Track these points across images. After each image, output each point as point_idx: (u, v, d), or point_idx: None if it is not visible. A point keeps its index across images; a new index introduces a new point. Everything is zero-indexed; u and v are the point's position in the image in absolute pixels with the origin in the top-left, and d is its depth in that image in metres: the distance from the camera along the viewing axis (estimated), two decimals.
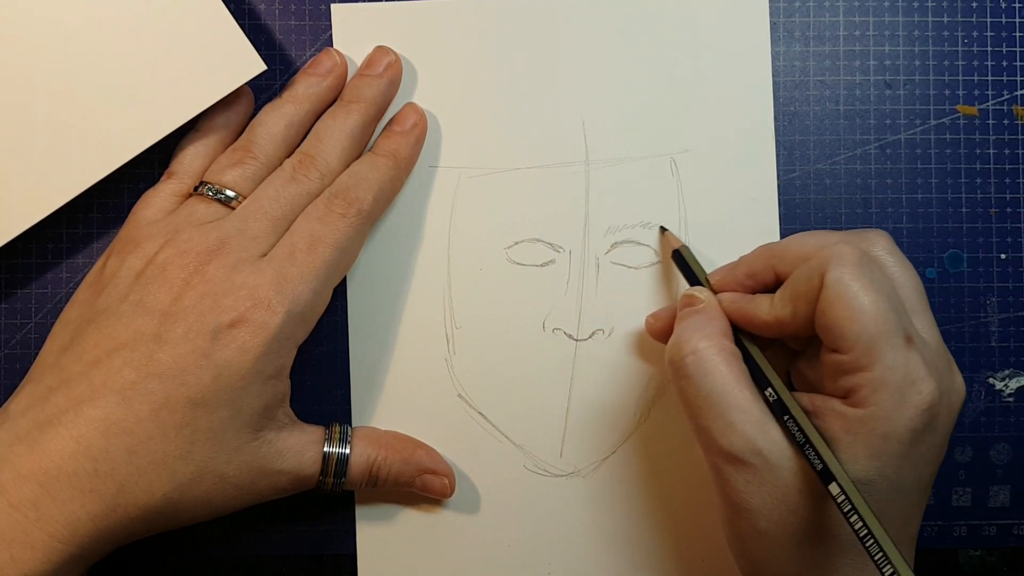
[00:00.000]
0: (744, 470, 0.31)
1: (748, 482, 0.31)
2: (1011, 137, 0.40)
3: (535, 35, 0.40)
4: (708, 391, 0.32)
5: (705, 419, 0.32)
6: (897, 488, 0.30)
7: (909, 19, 0.40)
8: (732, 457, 0.31)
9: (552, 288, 0.40)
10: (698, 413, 0.32)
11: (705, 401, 0.32)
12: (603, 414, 0.40)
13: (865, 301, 0.30)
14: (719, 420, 0.31)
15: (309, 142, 0.38)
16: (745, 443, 0.31)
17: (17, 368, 0.40)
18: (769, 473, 0.31)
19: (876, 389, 0.30)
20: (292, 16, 0.40)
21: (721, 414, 0.31)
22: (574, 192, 0.40)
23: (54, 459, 0.31)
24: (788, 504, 0.31)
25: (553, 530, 0.39)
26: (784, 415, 0.31)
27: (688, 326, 0.34)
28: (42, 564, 0.31)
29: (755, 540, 0.32)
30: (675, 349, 0.33)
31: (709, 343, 0.33)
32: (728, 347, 0.33)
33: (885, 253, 0.33)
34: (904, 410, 0.30)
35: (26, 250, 0.40)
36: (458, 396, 0.40)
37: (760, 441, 0.31)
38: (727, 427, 0.31)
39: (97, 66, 0.36)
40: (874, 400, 0.30)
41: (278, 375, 0.35)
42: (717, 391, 0.32)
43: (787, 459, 0.31)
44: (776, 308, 0.33)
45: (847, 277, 0.31)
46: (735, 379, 0.32)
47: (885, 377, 0.30)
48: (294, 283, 0.34)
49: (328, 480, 0.36)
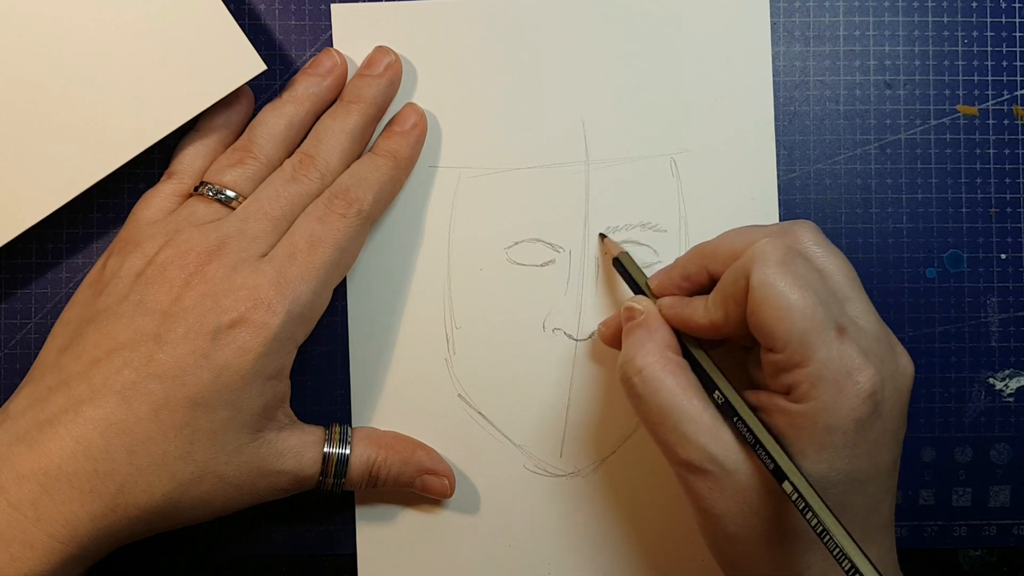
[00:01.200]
0: (705, 478, 0.32)
1: (711, 489, 0.32)
2: (1011, 137, 0.40)
3: (535, 35, 0.40)
4: (659, 407, 0.32)
5: (661, 433, 0.32)
6: (854, 479, 0.31)
7: (909, 19, 0.40)
8: (691, 466, 0.32)
9: (552, 288, 0.40)
10: (654, 428, 0.33)
11: (658, 416, 0.32)
12: (603, 414, 0.40)
13: (792, 298, 0.30)
14: (673, 433, 0.32)
15: (309, 142, 0.38)
16: (700, 452, 0.31)
17: (17, 368, 0.40)
18: (727, 478, 0.31)
19: (814, 384, 0.30)
20: (292, 16, 0.40)
21: (674, 427, 0.32)
22: (574, 192, 0.40)
23: (54, 459, 0.31)
24: (750, 506, 0.31)
25: (553, 530, 0.39)
26: (733, 417, 0.32)
27: (632, 343, 0.34)
28: (42, 564, 0.31)
29: (726, 544, 0.32)
30: (623, 368, 0.34)
31: (654, 359, 0.33)
32: (672, 359, 0.33)
33: (812, 244, 0.33)
34: (844, 400, 0.30)
35: (26, 250, 0.40)
36: (458, 396, 0.40)
37: (714, 448, 0.31)
38: (681, 438, 0.32)
39: (97, 66, 0.36)
40: (813, 395, 0.30)
41: (278, 375, 0.35)
42: (667, 406, 0.32)
43: (742, 462, 0.31)
44: (710, 311, 0.33)
45: (771, 276, 0.31)
46: (683, 391, 0.32)
47: (820, 371, 0.30)
48: (294, 283, 0.34)
49: (328, 480, 0.36)
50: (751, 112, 0.40)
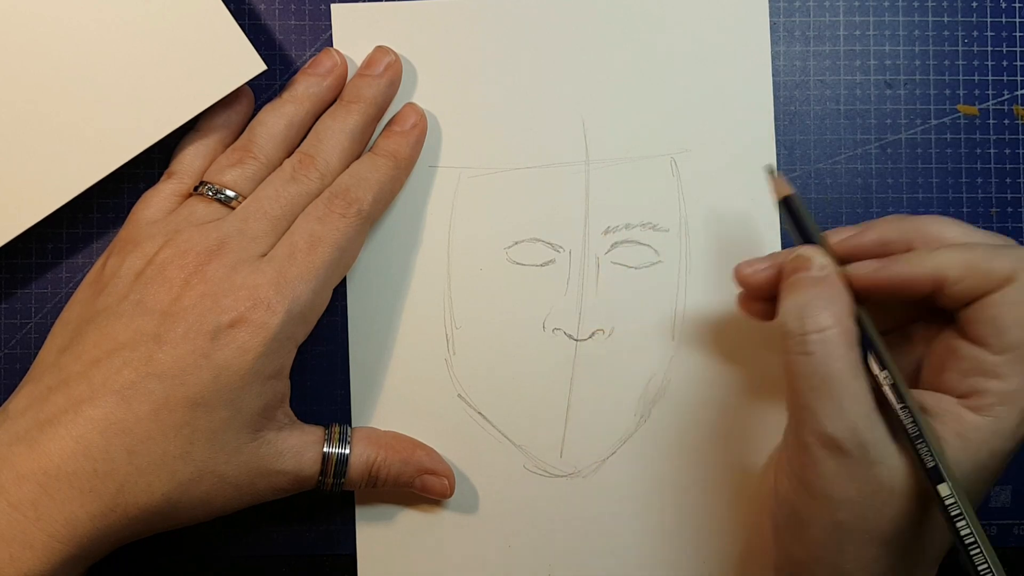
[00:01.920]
0: (841, 459, 0.30)
1: (840, 472, 0.30)
2: (1011, 137, 0.40)
3: (535, 35, 0.40)
4: (826, 374, 0.30)
5: (814, 399, 0.30)
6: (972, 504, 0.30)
7: (909, 19, 0.40)
8: (832, 441, 0.30)
9: (552, 288, 0.40)
10: (807, 391, 0.31)
11: (821, 382, 0.30)
12: (603, 414, 0.40)
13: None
14: (830, 403, 0.30)
15: (309, 142, 0.38)
16: (851, 432, 0.30)
17: (17, 368, 0.40)
18: (866, 467, 0.30)
19: (1004, 402, 0.29)
20: (292, 16, 0.40)
21: (834, 397, 0.30)
22: (574, 192, 0.40)
23: (53, 459, 0.31)
24: (875, 502, 0.30)
25: (553, 530, 0.39)
26: (900, 403, 0.30)
27: (813, 297, 0.32)
28: (41, 564, 0.31)
29: (825, 530, 0.31)
30: (797, 321, 0.31)
31: (836, 322, 0.31)
32: (852, 330, 0.31)
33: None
34: (1018, 433, 0.30)
35: (26, 250, 0.40)
36: (458, 396, 0.40)
37: (867, 433, 0.30)
38: (836, 411, 0.30)
39: (97, 66, 0.36)
40: (998, 412, 0.29)
41: (278, 375, 0.35)
42: (836, 375, 0.30)
43: (889, 456, 0.30)
44: (945, 267, 0.31)
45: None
46: (854, 366, 0.31)
47: (1019, 394, 0.29)
48: (294, 283, 0.34)
49: (328, 480, 0.36)
50: (751, 112, 0.40)
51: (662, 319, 0.40)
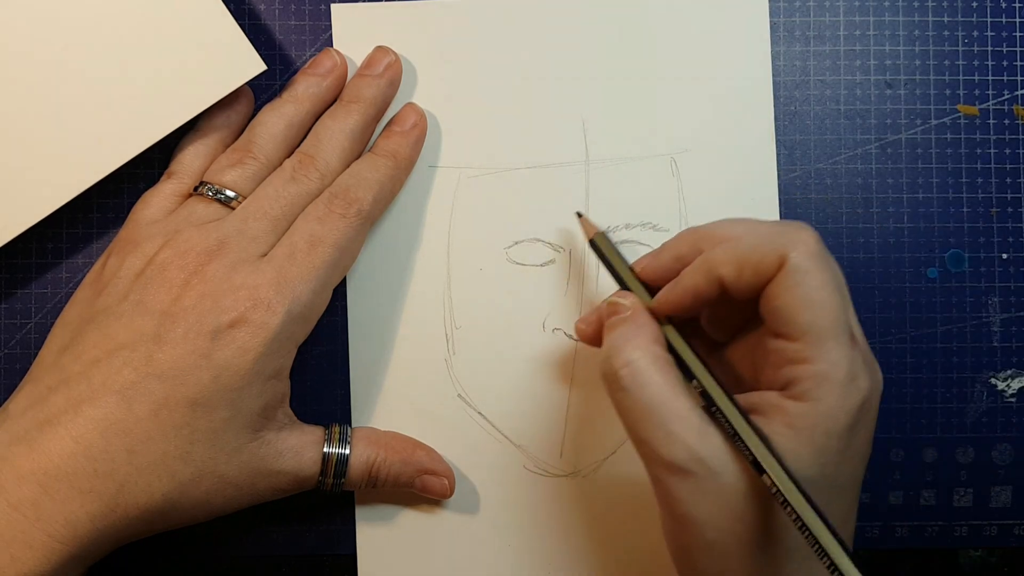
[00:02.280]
0: (687, 480, 0.30)
1: (692, 492, 0.30)
2: (1012, 137, 0.40)
3: (535, 35, 0.40)
4: (646, 403, 0.30)
5: (644, 431, 0.30)
6: (834, 486, 0.30)
7: (909, 19, 0.40)
8: (674, 467, 0.30)
9: (552, 288, 0.40)
10: (636, 425, 0.31)
11: (643, 413, 0.30)
12: (603, 414, 0.40)
13: (824, 293, 0.30)
14: (659, 431, 0.30)
15: (309, 142, 0.38)
16: (687, 452, 0.30)
17: (17, 368, 0.40)
18: (712, 481, 0.30)
19: (820, 383, 0.29)
20: (292, 16, 0.40)
21: (660, 424, 0.30)
22: (574, 192, 0.40)
23: (53, 459, 0.31)
24: (733, 511, 0.30)
25: (553, 530, 0.39)
26: (711, 407, 0.31)
27: (618, 336, 0.32)
28: (41, 564, 0.31)
29: (702, 552, 0.30)
30: (607, 363, 0.32)
31: (641, 353, 0.31)
32: (661, 355, 0.32)
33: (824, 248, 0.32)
34: (845, 406, 0.29)
35: (26, 250, 0.40)
36: (458, 396, 0.40)
37: (701, 449, 0.30)
38: (667, 437, 0.30)
39: (97, 66, 0.36)
40: (816, 395, 0.29)
41: (278, 375, 0.35)
42: (655, 402, 0.30)
43: (729, 464, 0.30)
44: (717, 267, 0.32)
45: (809, 264, 0.30)
46: (671, 388, 0.31)
47: (830, 372, 0.29)
48: (294, 283, 0.34)
49: (328, 480, 0.36)
50: (751, 112, 0.40)
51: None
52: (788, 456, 0.30)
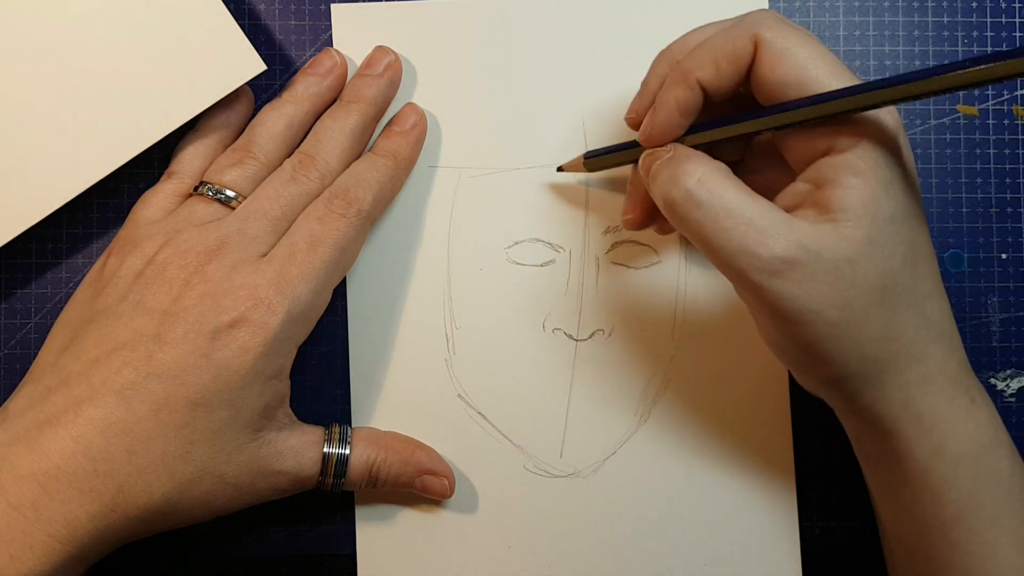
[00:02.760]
0: (795, 272, 0.30)
1: (802, 283, 0.30)
2: (1011, 137, 0.40)
3: (535, 35, 0.40)
4: (728, 208, 0.30)
5: (735, 239, 0.30)
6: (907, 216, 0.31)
7: (909, 19, 0.40)
8: (777, 263, 0.29)
9: (552, 288, 0.40)
10: (724, 236, 0.30)
11: (729, 219, 0.30)
12: (603, 414, 0.40)
13: (806, 51, 0.31)
14: (751, 231, 0.30)
15: (309, 142, 0.38)
16: (786, 242, 0.30)
17: (17, 368, 0.40)
18: (818, 262, 0.30)
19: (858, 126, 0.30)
20: (292, 16, 0.40)
21: (750, 224, 0.30)
22: (574, 192, 0.40)
23: (53, 459, 0.31)
24: (846, 282, 0.30)
25: (553, 530, 0.39)
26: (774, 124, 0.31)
27: (673, 166, 0.32)
28: (41, 564, 0.31)
29: (831, 339, 0.30)
30: (673, 189, 0.31)
31: (706, 167, 0.31)
32: (721, 165, 0.32)
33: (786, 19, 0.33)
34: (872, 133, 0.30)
35: (26, 250, 0.40)
36: (458, 396, 0.40)
37: (797, 235, 0.30)
38: (761, 234, 0.30)
39: (97, 66, 0.36)
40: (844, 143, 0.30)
41: (278, 375, 0.35)
42: (737, 204, 0.30)
43: (827, 238, 0.30)
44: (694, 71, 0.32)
45: (780, 33, 0.31)
46: (746, 190, 0.31)
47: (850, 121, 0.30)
48: (294, 283, 0.34)
49: (328, 481, 0.36)
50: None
51: (662, 319, 0.40)
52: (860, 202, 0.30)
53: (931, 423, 0.31)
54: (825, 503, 0.40)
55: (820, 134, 0.31)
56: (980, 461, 0.31)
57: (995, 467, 0.31)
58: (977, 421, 0.31)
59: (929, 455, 0.31)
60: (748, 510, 0.39)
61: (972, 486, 0.31)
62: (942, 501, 0.31)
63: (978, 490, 0.31)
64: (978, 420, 0.31)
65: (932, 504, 0.31)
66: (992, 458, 0.31)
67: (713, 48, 0.32)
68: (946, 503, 0.31)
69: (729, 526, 0.39)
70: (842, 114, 0.30)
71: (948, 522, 0.31)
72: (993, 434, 0.31)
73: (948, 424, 0.31)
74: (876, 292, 0.30)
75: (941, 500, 0.31)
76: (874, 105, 0.29)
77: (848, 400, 0.32)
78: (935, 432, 0.31)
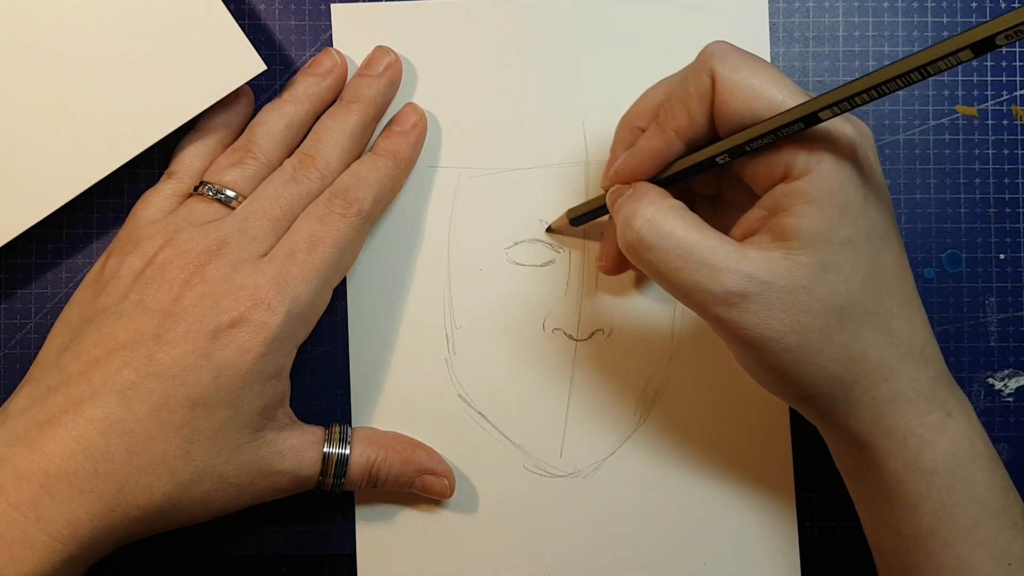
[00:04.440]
0: (748, 302, 0.30)
1: (757, 312, 0.30)
2: (1010, 137, 0.40)
3: (535, 36, 0.40)
4: (678, 247, 0.31)
5: (688, 276, 0.31)
6: (875, 235, 0.31)
7: (909, 19, 0.40)
8: (731, 296, 0.30)
9: (552, 288, 0.40)
10: (678, 275, 0.31)
11: (680, 258, 0.31)
12: (603, 414, 0.40)
13: (762, 79, 0.31)
14: (702, 269, 0.30)
15: (309, 142, 0.38)
16: (738, 275, 0.30)
17: (17, 368, 0.40)
18: (770, 291, 0.30)
19: (813, 146, 0.30)
20: (292, 16, 0.40)
21: (701, 262, 0.30)
22: (574, 192, 0.40)
23: (54, 459, 0.31)
24: (798, 307, 0.30)
25: (553, 530, 0.39)
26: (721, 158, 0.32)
27: (627, 207, 0.32)
28: (42, 564, 0.31)
29: (794, 362, 0.31)
30: (626, 232, 0.32)
31: (655, 208, 0.32)
32: (673, 203, 0.32)
33: (738, 48, 0.33)
34: (843, 152, 0.30)
35: (26, 250, 0.40)
36: (458, 396, 0.40)
37: (747, 268, 0.30)
38: (713, 270, 0.30)
39: (97, 66, 0.36)
40: (815, 158, 0.30)
41: (278, 375, 0.35)
42: (686, 245, 0.31)
43: (775, 269, 0.30)
44: (669, 122, 0.32)
45: (734, 64, 0.31)
46: (696, 227, 0.31)
47: (814, 133, 0.30)
48: (294, 283, 0.34)
49: (328, 480, 0.36)
50: None
51: (661, 319, 0.40)
52: (823, 223, 0.30)
53: (903, 438, 0.31)
54: (824, 504, 0.40)
55: (776, 160, 0.31)
56: (954, 475, 0.31)
57: (971, 480, 0.31)
58: (952, 435, 0.31)
59: (902, 469, 0.31)
60: (747, 510, 0.39)
61: (946, 499, 0.31)
62: (917, 514, 0.31)
63: (952, 503, 0.31)
64: (953, 434, 0.31)
65: (908, 516, 0.31)
66: (968, 471, 0.31)
67: (680, 96, 0.32)
68: (920, 515, 0.31)
69: (728, 526, 0.39)
70: (786, 129, 0.30)
71: (923, 534, 0.31)
72: (970, 447, 0.31)
73: (920, 439, 0.31)
74: (834, 315, 0.30)
75: (916, 512, 0.31)
76: (811, 116, 0.29)
77: (821, 416, 0.33)
78: (908, 446, 0.31)
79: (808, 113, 0.29)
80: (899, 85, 0.27)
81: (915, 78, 0.27)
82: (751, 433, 0.40)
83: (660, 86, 0.34)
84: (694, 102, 0.32)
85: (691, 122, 0.32)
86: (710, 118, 0.32)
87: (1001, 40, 0.25)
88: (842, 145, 0.30)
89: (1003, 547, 0.31)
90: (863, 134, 0.31)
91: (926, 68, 0.27)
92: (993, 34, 0.24)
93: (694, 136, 0.32)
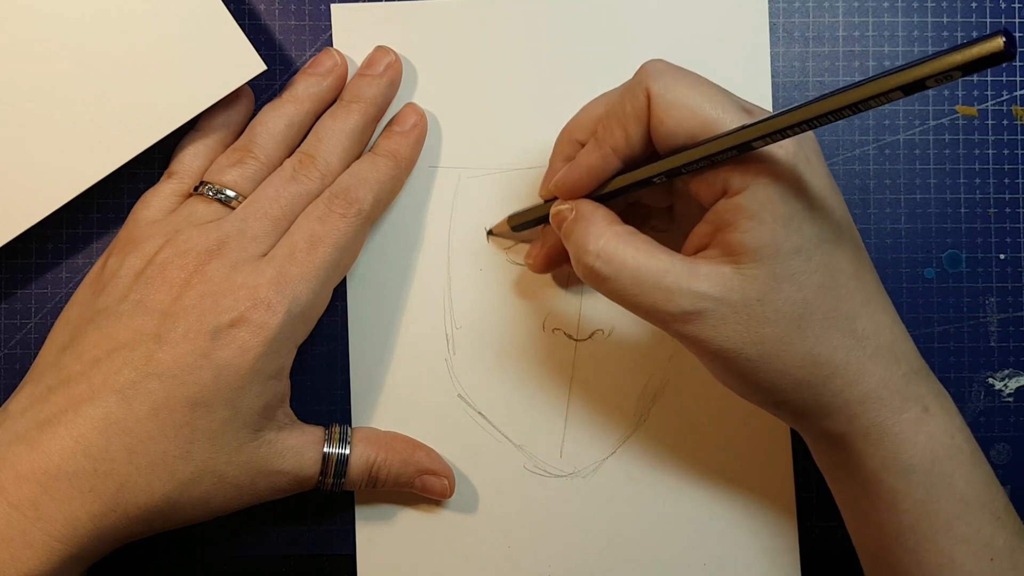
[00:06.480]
0: (705, 319, 0.31)
1: (714, 327, 0.31)
2: (1010, 137, 0.40)
3: (535, 35, 0.40)
4: (632, 276, 0.31)
5: (645, 300, 0.31)
6: (825, 240, 0.31)
7: (909, 19, 0.40)
8: (687, 316, 0.31)
9: (552, 288, 0.40)
10: (635, 299, 0.31)
11: (635, 285, 0.31)
12: (603, 414, 0.40)
13: (697, 95, 0.31)
14: (656, 293, 0.31)
15: (309, 142, 0.38)
16: (691, 295, 0.31)
17: (17, 368, 0.40)
18: (724, 306, 0.31)
19: (748, 166, 0.30)
20: (292, 16, 0.40)
21: (654, 287, 0.31)
22: None
23: (54, 459, 0.31)
24: (754, 319, 0.30)
25: (553, 530, 0.39)
26: (667, 175, 0.32)
27: (577, 236, 0.33)
28: (42, 564, 0.31)
29: (759, 373, 0.31)
30: (580, 264, 0.33)
31: (605, 238, 0.32)
32: (623, 230, 0.32)
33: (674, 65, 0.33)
34: (783, 160, 0.30)
35: (26, 250, 0.40)
36: (458, 396, 0.40)
37: (700, 286, 0.31)
38: (667, 292, 0.31)
39: (97, 66, 0.36)
40: (753, 169, 0.30)
41: (278, 375, 0.35)
42: (639, 272, 0.31)
43: (727, 285, 0.31)
44: (607, 139, 0.32)
45: (671, 82, 0.31)
46: (646, 252, 0.31)
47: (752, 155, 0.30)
48: (294, 283, 0.34)
49: (328, 480, 0.36)
50: None
51: None
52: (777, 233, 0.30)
53: (878, 437, 0.31)
54: (824, 504, 0.40)
55: (715, 177, 0.31)
56: (932, 471, 0.31)
57: (950, 475, 0.31)
58: (930, 431, 0.31)
59: (880, 467, 0.31)
60: (747, 510, 0.39)
61: (925, 495, 0.31)
62: (896, 511, 0.31)
63: (931, 499, 0.31)
64: (931, 430, 0.31)
65: (888, 513, 0.32)
66: (947, 467, 0.31)
67: (618, 114, 0.32)
68: (900, 512, 0.31)
69: (728, 526, 0.39)
70: (719, 156, 0.30)
71: (904, 531, 0.31)
72: (949, 442, 0.31)
73: (896, 437, 0.31)
74: (793, 324, 0.31)
75: (895, 510, 0.31)
76: (745, 145, 0.29)
77: (797, 420, 0.33)
78: (884, 445, 0.31)
79: (741, 143, 0.29)
80: (831, 119, 0.28)
81: (846, 114, 0.27)
82: (751, 433, 0.40)
83: (600, 100, 0.34)
84: (631, 121, 0.32)
85: (628, 141, 0.32)
86: (647, 136, 0.32)
87: (931, 83, 0.25)
88: (778, 158, 0.30)
89: (985, 541, 0.31)
90: (803, 139, 0.31)
91: (857, 105, 0.27)
92: (923, 77, 0.25)
93: (631, 154, 0.33)
